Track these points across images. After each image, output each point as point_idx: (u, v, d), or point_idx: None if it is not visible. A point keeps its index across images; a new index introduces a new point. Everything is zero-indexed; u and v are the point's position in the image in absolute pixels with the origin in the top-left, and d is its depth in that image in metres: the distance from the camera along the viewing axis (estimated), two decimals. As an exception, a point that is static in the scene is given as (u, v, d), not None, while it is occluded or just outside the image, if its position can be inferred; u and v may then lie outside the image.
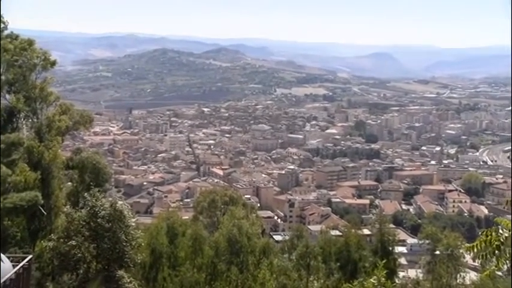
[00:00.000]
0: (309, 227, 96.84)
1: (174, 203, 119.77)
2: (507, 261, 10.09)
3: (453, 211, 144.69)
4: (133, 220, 21.87)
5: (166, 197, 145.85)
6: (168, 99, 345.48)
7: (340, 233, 49.37)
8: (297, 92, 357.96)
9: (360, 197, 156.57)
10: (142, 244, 23.73)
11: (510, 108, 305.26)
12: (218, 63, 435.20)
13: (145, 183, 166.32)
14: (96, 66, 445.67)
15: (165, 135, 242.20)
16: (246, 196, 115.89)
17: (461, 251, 55.02)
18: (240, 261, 32.70)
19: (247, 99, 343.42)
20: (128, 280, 21.69)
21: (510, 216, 10.38)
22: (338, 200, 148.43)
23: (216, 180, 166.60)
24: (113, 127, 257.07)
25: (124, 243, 21.43)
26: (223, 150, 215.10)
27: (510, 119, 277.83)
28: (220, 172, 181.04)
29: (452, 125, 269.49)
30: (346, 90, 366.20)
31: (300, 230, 47.50)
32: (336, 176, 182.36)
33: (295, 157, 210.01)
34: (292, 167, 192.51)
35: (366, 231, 54.63)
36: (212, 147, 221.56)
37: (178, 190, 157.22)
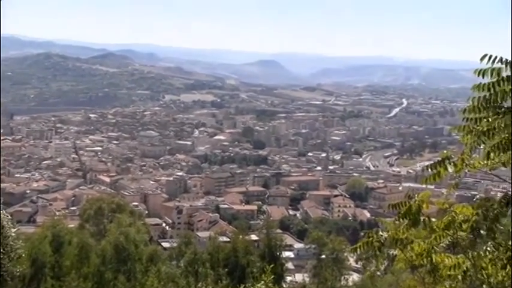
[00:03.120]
0: (197, 233, 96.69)
1: (59, 211, 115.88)
2: (385, 261, 10.53)
3: (338, 216, 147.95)
4: (14, 230, 20.92)
5: (51, 205, 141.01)
6: (53, 105, 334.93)
7: (228, 239, 49.65)
8: (186, 99, 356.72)
9: (247, 202, 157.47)
10: (23, 255, 22.80)
11: (390, 115, 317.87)
12: (105, 68, 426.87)
13: (28, 191, 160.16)
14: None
15: (50, 141, 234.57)
16: (133, 203, 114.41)
17: (345, 254, 56.75)
18: (127, 269, 32.23)
19: (135, 105, 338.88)
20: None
21: (390, 219, 10.82)
22: (226, 206, 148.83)
23: (103, 188, 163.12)
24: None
25: (1, 256, 20.43)
26: (110, 157, 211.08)
27: (390, 126, 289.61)
28: (108, 179, 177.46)
29: (337, 132, 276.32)
30: (234, 97, 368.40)
31: (188, 237, 47.43)
32: (224, 182, 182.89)
33: (183, 163, 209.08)
34: (180, 173, 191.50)
35: (254, 237, 55.22)
36: (99, 154, 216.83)
37: (63, 198, 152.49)
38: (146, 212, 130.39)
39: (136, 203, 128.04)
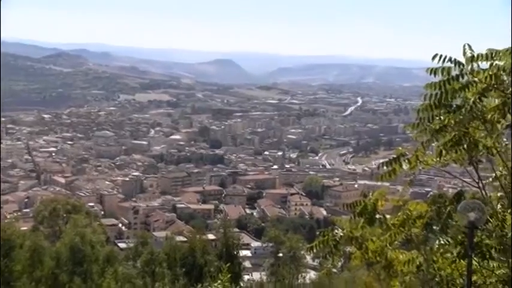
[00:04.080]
0: (154, 233, 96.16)
1: (10, 213, 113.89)
2: (341, 259, 10.67)
3: (295, 214, 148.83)
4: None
5: (1, 208, 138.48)
6: (3, 105, 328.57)
7: (185, 239, 49.52)
8: (141, 98, 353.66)
9: (204, 202, 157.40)
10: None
11: (345, 113, 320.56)
12: (59, 68, 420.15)
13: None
14: None
15: (0, 142, 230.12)
16: (89, 204, 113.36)
17: (302, 252, 57.09)
18: (83, 270, 31.85)
19: (90, 105, 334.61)
20: None
21: (346, 216, 10.96)
22: (183, 205, 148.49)
23: (57, 189, 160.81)
24: None
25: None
26: (65, 158, 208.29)
27: (345, 125, 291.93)
28: (62, 180, 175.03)
29: (293, 130, 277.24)
30: (190, 96, 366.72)
31: (145, 237, 47.17)
32: (181, 181, 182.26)
33: (139, 163, 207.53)
34: (136, 173, 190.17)
35: (211, 236, 55.19)
36: (53, 154, 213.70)
37: (15, 200, 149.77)
38: (102, 212, 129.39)
39: (92, 204, 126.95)
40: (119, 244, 71.58)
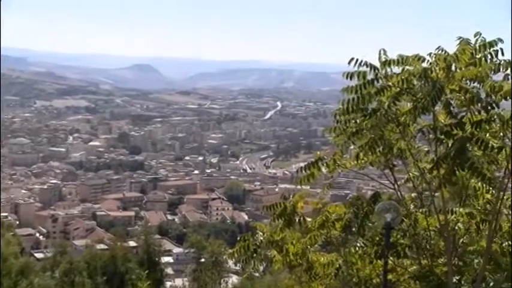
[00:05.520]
0: (74, 242, 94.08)
1: None
2: (263, 263, 10.76)
3: (217, 219, 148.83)
4: None
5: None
6: None
7: (106, 247, 48.75)
8: (58, 104, 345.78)
9: (125, 209, 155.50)
10: None
11: (265, 118, 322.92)
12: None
13: None
14: None
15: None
16: (3, 214, 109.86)
17: (224, 257, 57.11)
18: (-6, 286, 30.65)
19: (4, 112, 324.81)
20: None
21: (267, 220, 11.08)
22: (103, 213, 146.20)
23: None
24: None
25: None
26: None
27: (265, 129, 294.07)
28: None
29: (213, 135, 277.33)
30: (108, 102, 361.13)
31: (64, 246, 46.09)
32: (100, 188, 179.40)
33: (57, 171, 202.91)
34: (54, 181, 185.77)
35: (132, 243, 54.49)
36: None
37: None
38: (17, 222, 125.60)
39: (5, 214, 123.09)
40: (36, 254, 69.72)
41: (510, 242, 10.15)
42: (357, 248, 10.33)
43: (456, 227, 10.00)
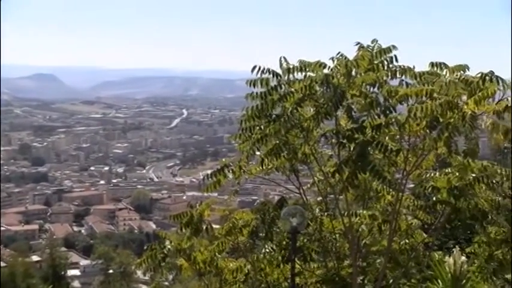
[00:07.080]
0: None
1: None
2: (172, 271, 10.72)
3: (124, 229, 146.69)
4: None
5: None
6: None
7: (5, 264, 47.16)
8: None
9: (27, 222, 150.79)
10: None
11: (171, 126, 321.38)
12: None
13: None
14: None
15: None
16: None
17: (133, 267, 56.41)
18: None
19: None
20: None
21: (175, 229, 11.09)
22: (3, 228, 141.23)
23: None
24: None
25: None
26: None
27: (171, 137, 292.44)
28: None
29: (119, 144, 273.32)
30: (7, 112, 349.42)
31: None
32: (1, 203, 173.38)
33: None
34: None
35: (36, 258, 53.02)
36: None
37: None
38: None
39: None
40: None
41: (407, 240, 10.56)
42: (265, 253, 10.45)
43: (360, 229, 10.28)
